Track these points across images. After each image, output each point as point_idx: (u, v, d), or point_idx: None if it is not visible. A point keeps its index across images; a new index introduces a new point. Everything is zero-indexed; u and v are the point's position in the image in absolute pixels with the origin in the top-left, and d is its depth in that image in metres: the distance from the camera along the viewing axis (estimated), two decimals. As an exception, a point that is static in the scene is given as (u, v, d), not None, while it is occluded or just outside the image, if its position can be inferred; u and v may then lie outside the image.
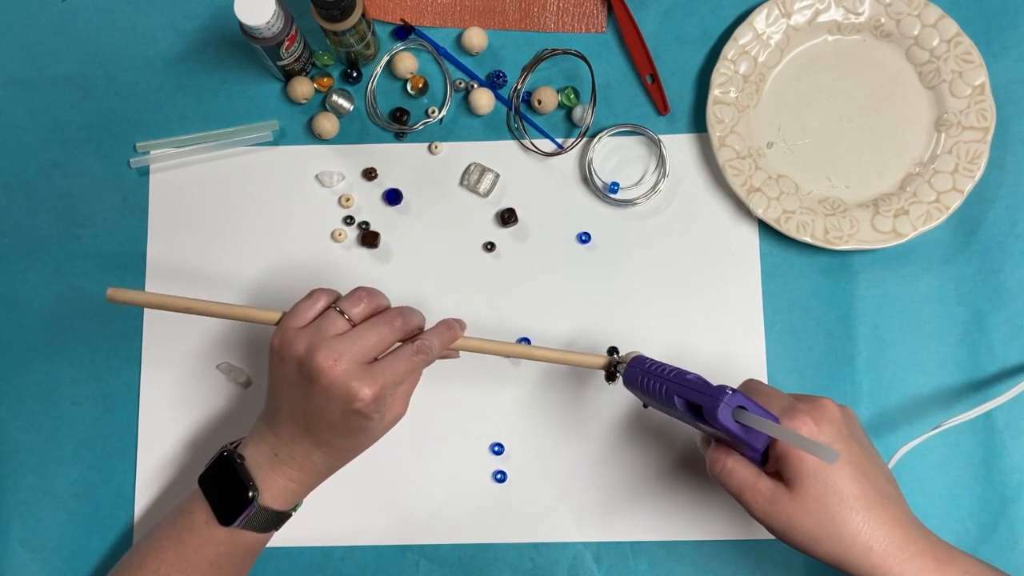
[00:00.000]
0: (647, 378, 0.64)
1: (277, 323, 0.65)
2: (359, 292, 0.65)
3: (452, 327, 0.67)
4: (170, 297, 0.66)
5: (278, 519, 0.67)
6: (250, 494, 0.64)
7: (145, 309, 0.78)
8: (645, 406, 0.68)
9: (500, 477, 0.76)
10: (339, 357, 0.61)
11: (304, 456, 0.65)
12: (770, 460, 0.59)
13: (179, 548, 0.66)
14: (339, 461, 0.67)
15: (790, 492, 0.58)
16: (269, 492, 0.65)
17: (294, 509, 0.68)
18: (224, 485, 0.65)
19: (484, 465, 0.76)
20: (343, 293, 0.66)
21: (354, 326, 0.63)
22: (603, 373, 0.69)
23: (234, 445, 0.67)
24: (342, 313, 0.63)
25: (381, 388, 0.62)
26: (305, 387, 0.62)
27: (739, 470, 0.60)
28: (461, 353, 0.69)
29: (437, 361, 0.70)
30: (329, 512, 0.76)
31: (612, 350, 0.67)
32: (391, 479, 0.76)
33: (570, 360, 0.69)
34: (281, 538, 0.75)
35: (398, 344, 0.65)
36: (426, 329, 0.66)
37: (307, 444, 0.65)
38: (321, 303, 0.64)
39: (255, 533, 0.66)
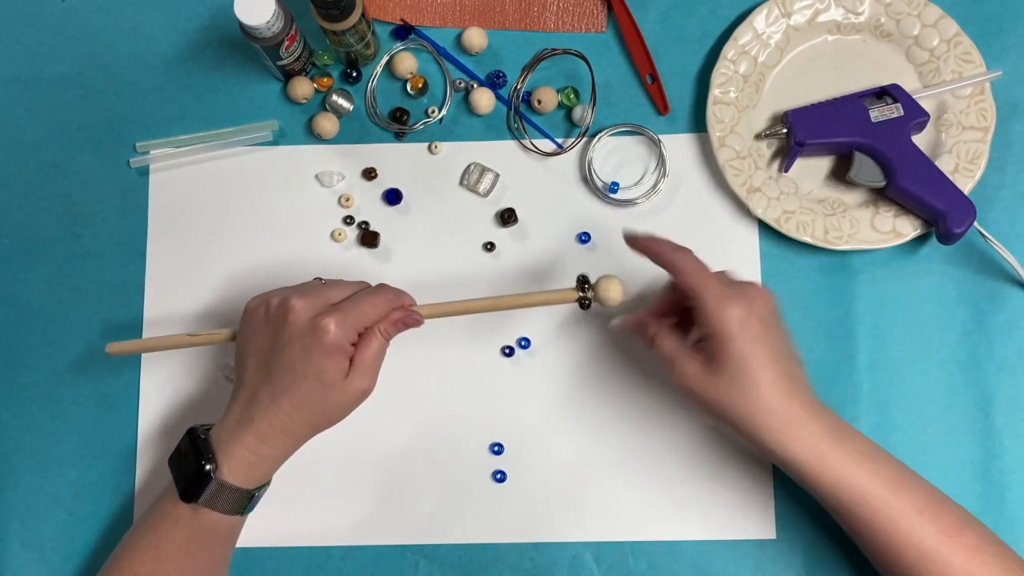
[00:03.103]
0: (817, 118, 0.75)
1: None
2: (342, 278, 0.69)
3: (401, 293, 0.69)
4: (164, 338, 0.71)
5: (241, 498, 0.65)
6: (207, 467, 0.64)
7: (145, 308, 0.78)
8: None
9: (500, 477, 0.76)
10: (308, 301, 0.64)
11: (263, 412, 0.64)
12: (701, 330, 0.64)
13: (151, 533, 0.66)
14: (298, 420, 0.65)
15: (711, 369, 0.63)
16: (227, 465, 0.64)
17: (258, 490, 0.67)
18: (186, 461, 0.66)
19: (484, 465, 0.76)
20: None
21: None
22: (578, 310, 0.70)
23: (205, 427, 0.68)
24: (320, 280, 0.68)
25: (343, 319, 0.64)
26: (272, 329, 0.65)
27: (669, 341, 0.66)
28: (459, 356, 0.69)
29: (435, 368, 0.69)
30: (329, 512, 0.76)
31: (582, 278, 0.67)
32: (391, 479, 0.76)
33: (536, 300, 0.69)
34: (281, 538, 0.75)
35: None
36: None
37: (266, 395, 0.64)
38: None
39: (220, 514, 0.65)
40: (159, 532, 0.66)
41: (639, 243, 0.67)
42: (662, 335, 0.67)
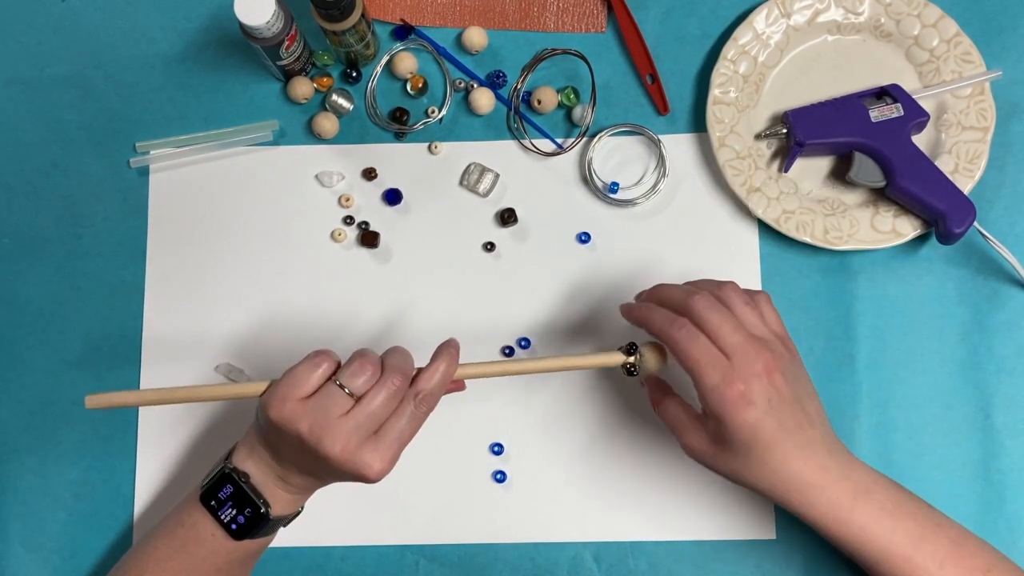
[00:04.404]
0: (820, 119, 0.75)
1: (262, 394, 0.62)
2: (362, 363, 0.61)
3: (451, 356, 0.64)
4: (149, 392, 0.65)
5: (286, 520, 0.68)
6: (263, 510, 0.64)
7: (145, 309, 0.78)
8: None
9: (500, 477, 0.76)
10: (347, 441, 0.60)
11: (308, 482, 0.66)
12: (703, 406, 0.61)
13: (183, 557, 0.65)
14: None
15: (718, 446, 0.61)
16: (277, 505, 0.65)
17: (301, 508, 0.69)
18: (231, 502, 0.64)
19: (484, 465, 0.76)
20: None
21: (357, 399, 0.61)
22: (620, 370, 0.67)
23: (228, 458, 0.66)
24: (342, 387, 0.61)
25: (392, 461, 0.61)
26: (311, 457, 0.61)
27: (676, 413, 0.64)
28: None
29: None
30: (329, 512, 0.76)
31: (631, 346, 0.66)
32: (391, 479, 0.76)
33: (583, 364, 0.66)
34: (281, 538, 0.74)
35: None
36: (422, 368, 0.63)
37: (313, 479, 0.65)
38: (321, 370, 0.61)
39: (264, 538, 0.67)
40: (193, 557, 0.65)
41: (634, 314, 0.65)
42: (666, 403, 0.65)
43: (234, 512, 0.64)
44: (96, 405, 0.63)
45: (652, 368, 0.65)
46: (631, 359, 0.65)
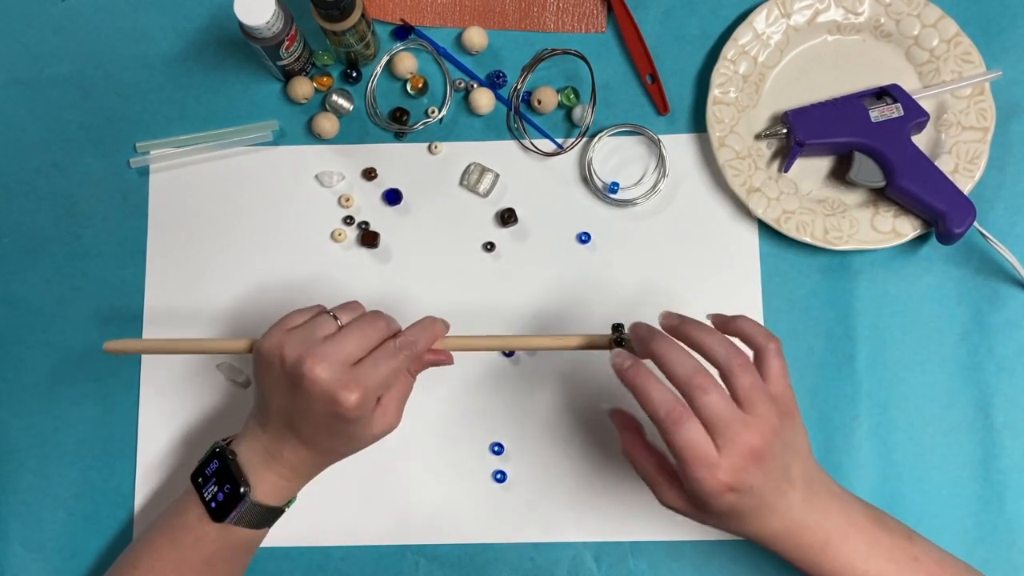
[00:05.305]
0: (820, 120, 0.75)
1: (249, 350, 0.65)
2: (352, 305, 0.66)
3: (434, 323, 0.66)
4: (161, 341, 0.69)
5: (271, 515, 0.67)
6: (242, 490, 0.64)
7: (145, 308, 0.78)
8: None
9: (500, 477, 0.76)
10: (323, 361, 0.61)
11: (291, 452, 0.65)
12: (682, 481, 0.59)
13: (173, 546, 0.66)
14: (326, 460, 0.67)
15: (693, 506, 0.60)
16: (261, 488, 0.65)
17: (287, 505, 0.68)
18: (215, 479, 0.65)
19: (484, 465, 0.76)
20: (343, 298, 0.66)
21: (341, 329, 0.63)
22: (608, 355, 0.67)
23: (227, 442, 0.67)
24: (335, 318, 0.64)
25: (365, 391, 0.61)
26: (290, 389, 0.62)
27: (649, 469, 0.62)
28: (458, 354, 0.69)
29: (435, 369, 0.69)
30: (329, 512, 0.76)
31: (617, 327, 0.66)
32: (391, 479, 0.76)
33: (569, 344, 0.66)
34: (281, 538, 0.75)
35: None
36: (406, 327, 0.66)
37: (293, 441, 0.65)
38: (313, 312, 0.65)
39: (248, 530, 0.66)
40: (182, 545, 0.66)
41: (628, 382, 0.60)
42: (637, 454, 0.63)
43: (215, 490, 0.65)
44: (113, 350, 0.67)
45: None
46: (617, 335, 0.64)
